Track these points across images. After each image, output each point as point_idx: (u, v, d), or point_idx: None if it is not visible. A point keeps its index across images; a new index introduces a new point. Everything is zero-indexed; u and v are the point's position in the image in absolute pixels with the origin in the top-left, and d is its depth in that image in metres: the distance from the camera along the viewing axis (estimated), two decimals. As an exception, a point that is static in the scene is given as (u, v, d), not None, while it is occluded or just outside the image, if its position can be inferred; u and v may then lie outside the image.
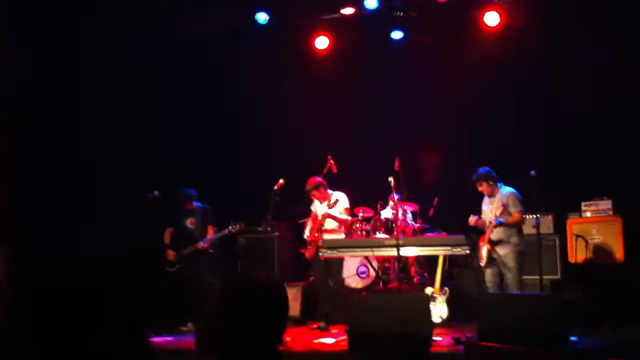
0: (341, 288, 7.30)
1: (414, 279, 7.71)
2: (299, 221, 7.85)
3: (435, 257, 7.21)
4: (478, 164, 6.72)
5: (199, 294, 7.21)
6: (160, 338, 6.59)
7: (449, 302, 6.97)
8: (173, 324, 7.21)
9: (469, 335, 5.67)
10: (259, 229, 7.92)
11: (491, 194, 6.60)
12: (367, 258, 7.58)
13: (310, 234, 7.24)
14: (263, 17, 8.41)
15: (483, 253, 6.43)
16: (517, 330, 4.90)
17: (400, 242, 6.31)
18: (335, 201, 6.97)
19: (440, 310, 6.92)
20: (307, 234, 7.30)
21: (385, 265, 7.92)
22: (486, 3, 7.98)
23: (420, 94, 8.48)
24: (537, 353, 4.62)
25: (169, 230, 7.68)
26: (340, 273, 7.25)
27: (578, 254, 7.21)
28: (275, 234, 8.12)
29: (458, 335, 5.78)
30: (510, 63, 7.93)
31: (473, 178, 6.64)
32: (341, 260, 7.18)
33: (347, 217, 7.25)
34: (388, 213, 7.68)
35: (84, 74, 7.76)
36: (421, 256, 7.56)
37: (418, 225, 7.87)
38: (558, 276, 7.28)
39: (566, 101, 7.85)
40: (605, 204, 7.21)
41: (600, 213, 7.22)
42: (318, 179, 7.15)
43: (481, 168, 6.64)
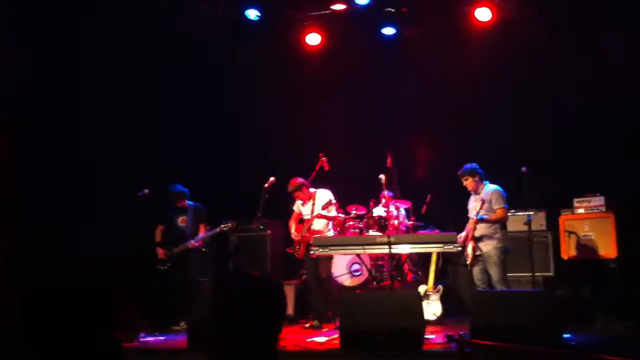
0: (332, 286, 7.26)
1: (408, 277, 7.69)
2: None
3: (429, 255, 7.19)
4: (470, 160, 6.69)
5: (188, 292, 7.19)
6: (153, 338, 6.55)
7: (443, 300, 6.96)
8: (166, 323, 7.19)
9: (462, 333, 5.66)
10: (252, 227, 7.89)
11: (476, 191, 6.57)
12: (359, 256, 7.54)
13: (297, 233, 7.20)
14: (254, 14, 8.35)
15: (469, 251, 6.40)
16: (510, 328, 4.89)
17: (392, 240, 6.27)
18: (329, 202, 6.96)
19: (433, 308, 6.90)
20: (294, 233, 7.25)
21: (379, 263, 7.89)
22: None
23: (412, 89, 8.46)
24: (531, 350, 4.60)
25: (160, 228, 7.65)
26: (328, 271, 7.21)
27: (570, 250, 7.21)
28: (268, 232, 8.10)
29: (451, 333, 5.77)
30: (502, 59, 7.92)
31: (458, 173, 6.61)
32: (330, 258, 7.14)
33: (338, 215, 7.21)
34: (381, 210, 7.65)
35: (83, 74, 7.74)
36: (414, 254, 7.54)
37: (411, 222, 7.85)
38: (551, 273, 7.28)
39: (559, 98, 7.85)
40: (597, 200, 7.19)
41: (592, 209, 7.21)
42: (300, 179, 7.11)
43: (468, 164, 6.61)
